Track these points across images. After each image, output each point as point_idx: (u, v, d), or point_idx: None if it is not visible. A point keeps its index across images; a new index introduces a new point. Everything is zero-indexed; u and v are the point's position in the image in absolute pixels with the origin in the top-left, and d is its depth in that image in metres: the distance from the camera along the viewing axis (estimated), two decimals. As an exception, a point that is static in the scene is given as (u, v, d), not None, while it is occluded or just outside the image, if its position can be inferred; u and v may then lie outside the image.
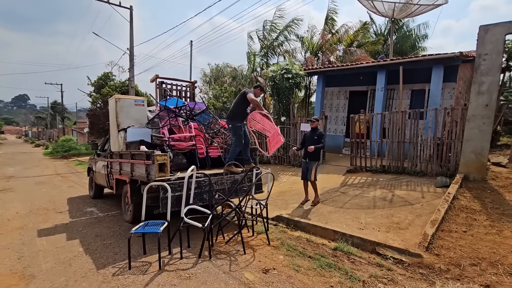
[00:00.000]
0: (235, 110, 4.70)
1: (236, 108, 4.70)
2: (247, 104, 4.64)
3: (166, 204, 3.76)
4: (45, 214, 5.69)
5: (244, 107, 4.67)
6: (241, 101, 4.64)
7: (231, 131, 4.79)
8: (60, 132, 37.56)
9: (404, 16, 9.40)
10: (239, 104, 4.67)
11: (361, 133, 9.19)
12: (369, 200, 5.33)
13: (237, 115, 4.67)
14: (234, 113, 4.69)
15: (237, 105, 4.70)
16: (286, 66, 8.69)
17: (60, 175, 11.80)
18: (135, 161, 4.26)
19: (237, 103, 4.72)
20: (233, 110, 4.75)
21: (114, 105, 5.31)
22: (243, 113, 4.71)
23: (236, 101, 4.79)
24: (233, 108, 4.75)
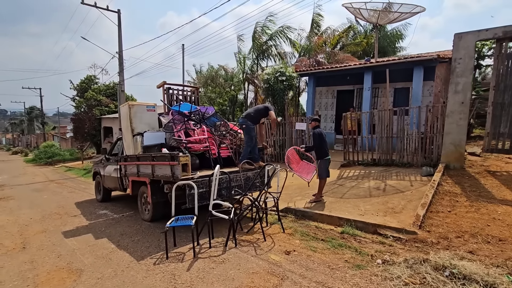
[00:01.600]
0: (254, 115, 5.40)
1: (255, 114, 5.44)
2: (265, 116, 5.51)
3: (192, 200, 4.17)
4: (61, 219, 5.88)
5: (261, 117, 5.53)
6: (261, 111, 5.49)
7: (244, 131, 5.28)
8: (40, 138, 36.19)
9: (387, 22, 10.20)
10: (259, 112, 5.48)
11: (352, 130, 9.93)
12: (365, 190, 5.95)
13: (253, 119, 5.34)
14: (252, 117, 5.34)
15: (258, 113, 5.48)
16: (280, 69, 9.22)
17: (54, 182, 11.70)
18: (158, 163, 4.61)
19: (258, 111, 5.50)
20: (252, 114, 5.39)
21: (128, 112, 5.60)
22: (258, 120, 5.52)
23: (258, 109, 5.58)
24: (253, 113, 5.42)
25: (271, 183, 5.61)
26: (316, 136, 5.59)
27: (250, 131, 5.21)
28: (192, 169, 5.42)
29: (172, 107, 5.73)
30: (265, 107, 5.53)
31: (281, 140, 9.90)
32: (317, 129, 5.67)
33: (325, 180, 5.69)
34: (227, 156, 5.80)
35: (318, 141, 5.58)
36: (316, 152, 5.66)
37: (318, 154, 5.63)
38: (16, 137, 52.41)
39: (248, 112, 5.50)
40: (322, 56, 13.68)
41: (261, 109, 5.51)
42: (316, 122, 5.79)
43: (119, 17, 15.24)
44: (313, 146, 5.71)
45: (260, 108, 5.57)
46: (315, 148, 5.66)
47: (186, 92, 6.76)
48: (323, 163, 5.61)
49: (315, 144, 5.64)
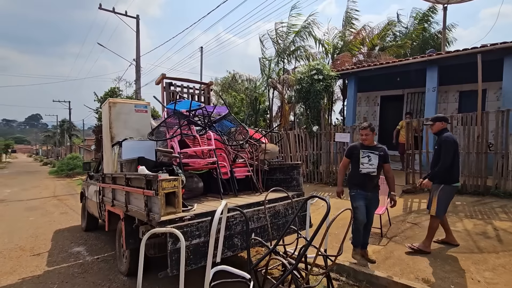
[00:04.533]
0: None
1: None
2: None
3: (177, 262, 2.31)
4: (18, 258, 4.29)
5: None
6: None
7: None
8: (68, 150, 36.94)
9: (457, 2, 8.06)
10: None
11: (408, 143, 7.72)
12: (463, 237, 3.75)
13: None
14: None
15: None
16: (317, 66, 7.36)
17: (57, 198, 10.51)
18: (131, 189, 2.85)
19: None
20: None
21: (108, 112, 4.00)
22: None
23: None
24: None
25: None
26: (449, 145, 3.31)
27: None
28: (193, 196, 3.62)
29: (167, 106, 4.04)
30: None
31: (315, 155, 7.88)
32: (447, 134, 3.43)
33: (439, 221, 3.50)
34: (245, 176, 3.95)
35: (452, 154, 3.31)
36: (438, 172, 3.37)
37: (442, 176, 3.37)
38: (50, 148, 54.77)
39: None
40: (361, 58, 11.67)
41: None
42: (443, 123, 3.49)
43: (137, 23, 14.45)
44: (443, 163, 3.31)
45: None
46: (443, 167, 3.31)
47: (193, 89, 5.08)
48: (448, 192, 3.40)
49: (445, 159, 3.30)
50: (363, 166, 3.27)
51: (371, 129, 3.32)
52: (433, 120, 3.54)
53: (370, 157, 3.26)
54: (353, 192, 3.36)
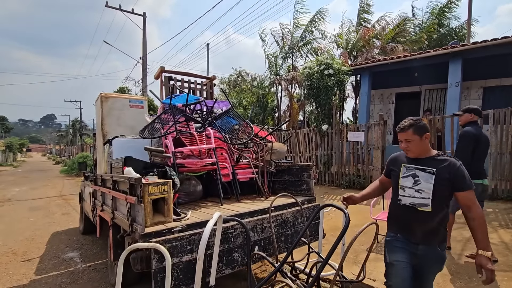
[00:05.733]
0: None
1: None
2: None
3: (163, 281, 1.93)
4: (6, 264, 4.02)
5: None
6: None
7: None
8: (79, 149, 37.48)
9: None
10: None
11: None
12: (501, 251, 3.24)
13: None
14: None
15: None
16: (326, 61, 6.90)
17: (62, 197, 10.39)
18: (116, 194, 2.49)
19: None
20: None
21: (100, 107, 3.67)
22: None
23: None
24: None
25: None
26: (466, 140, 3.02)
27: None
28: (191, 201, 3.24)
29: (163, 101, 3.67)
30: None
31: (326, 155, 7.41)
32: (468, 128, 3.09)
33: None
34: (249, 179, 3.55)
35: (468, 148, 3.00)
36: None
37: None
38: (63, 148, 55.89)
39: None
40: (371, 53, 11.08)
41: None
42: (472, 115, 3.13)
43: (144, 21, 14.26)
44: (461, 157, 2.89)
45: None
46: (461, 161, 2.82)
47: (195, 84, 4.72)
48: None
49: (458, 155, 3.00)
50: (404, 193, 1.84)
51: (416, 128, 1.79)
52: (463, 111, 3.23)
53: (418, 177, 1.79)
54: (388, 237, 1.96)
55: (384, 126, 6.30)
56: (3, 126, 59.85)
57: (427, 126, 1.85)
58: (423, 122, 1.83)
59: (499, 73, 7.63)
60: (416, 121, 1.83)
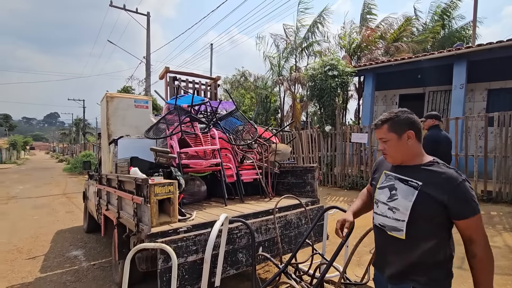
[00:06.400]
0: None
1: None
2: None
3: (169, 281, 1.95)
4: (12, 261, 4.07)
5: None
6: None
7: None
8: (82, 147, 37.67)
9: None
10: None
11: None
12: (504, 254, 3.23)
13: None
14: None
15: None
16: (331, 61, 6.89)
17: (65, 196, 10.46)
18: (122, 194, 2.52)
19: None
20: None
21: (105, 107, 3.70)
22: None
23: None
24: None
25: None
26: (427, 141, 3.46)
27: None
28: (196, 201, 3.26)
29: (168, 101, 3.69)
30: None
31: (329, 156, 7.41)
32: (430, 132, 3.63)
33: None
34: (253, 180, 3.56)
35: (432, 150, 3.09)
36: None
37: None
38: (66, 146, 56.22)
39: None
40: (376, 53, 11.06)
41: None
42: (434, 120, 3.64)
43: (148, 20, 14.32)
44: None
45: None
46: None
47: (199, 84, 4.74)
48: None
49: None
50: (377, 209, 1.39)
51: (393, 124, 1.31)
52: (426, 117, 3.76)
53: (396, 190, 1.31)
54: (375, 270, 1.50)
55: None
56: (7, 124, 60.27)
57: (412, 121, 1.30)
58: (407, 116, 1.31)
59: (504, 76, 7.59)
60: (395, 114, 1.32)
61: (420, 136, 1.32)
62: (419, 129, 1.32)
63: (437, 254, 1.24)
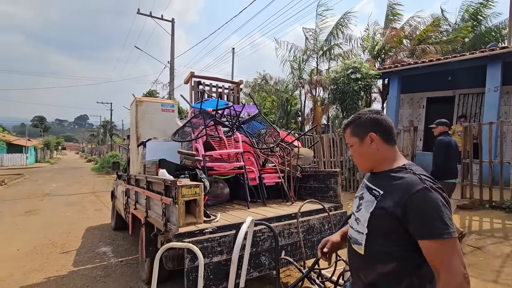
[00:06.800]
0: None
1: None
2: None
3: (195, 280, 2.01)
4: (48, 255, 4.35)
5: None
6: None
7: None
8: (109, 148, 39.52)
9: None
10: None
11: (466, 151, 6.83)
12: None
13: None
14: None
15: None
16: (354, 64, 6.78)
17: (94, 194, 11.03)
18: (150, 194, 2.63)
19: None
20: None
21: (135, 111, 3.88)
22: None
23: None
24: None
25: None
26: (439, 146, 3.84)
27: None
28: (218, 203, 3.33)
29: (193, 105, 3.81)
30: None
31: (351, 161, 7.25)
32: (441, 137, 3.91)
33: None
34: (275, 183, 3.58)
35: (442, 154, 3.81)
36: (433, 171, 3.86)
37: (435, 173, 3.80)
38: (94, 146, 59.23)
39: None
40: (404, 54, 10.70)
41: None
42: (445, 127, 3.95)
43: (172, 26, 14.83)
44: (434, 162, 3.86)
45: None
46: (435, 165, 3.86)
47: (222, 88, 4.84)
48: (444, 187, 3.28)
49: (435, 158, 3.85)
50: (351, 224, 1.23)
51: (355, 127, 1.18)
52: (437, 124, 4.01)
53: (362, 199, 1.15)
54: None
55: (414, 132, 6.05)
56: (42, 126, 64.56)
57: (375, 121, 1.14)
58: (369, 116, 1.15)
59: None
60: (358, 115, 1.19)
61: (389, 138, 1.13)
62: (386, 130, 1.13)
63: (397, 282, 1.00)
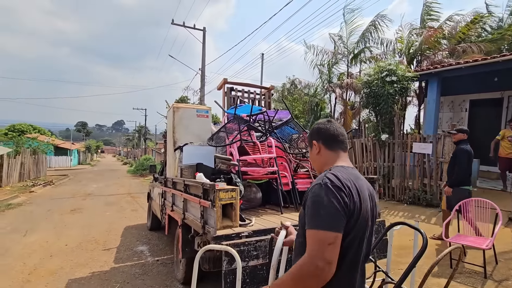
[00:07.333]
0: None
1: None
2: None
3: (232, 282, 2.04)
4: (92, 251, 4.68)
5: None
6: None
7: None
8: (143, 152, 41.71)
9: None
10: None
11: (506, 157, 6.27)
12: None
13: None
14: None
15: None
16: (389, 67, 6.52)
17: (130, 195, 11.66)
18: (188, 197, 2.73)
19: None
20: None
21: (172, 117, 4.07)
22: None
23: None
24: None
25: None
26: (464, 154, 3.87)
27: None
28: (251, 207, 3.36)
29: (227, 111, 3.91)
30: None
31: (386, 167, 6.94)
32: (463, 146, 3.96)
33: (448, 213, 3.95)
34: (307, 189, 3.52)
35: (466, 162, 3.88)
36: (455, 178, 3.94)
37: (457, 180, 3.92)
38: (130, 150, 62.82)
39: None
40: (443, 55, 10.06)
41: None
42: (464, 135, 4.00)
43: (204, 35, 15.38)
44: (458, 169, 3.88)
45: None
46: (459, 173, 3.88)
47: (254, 94, 4.91)
48: (460, 194, 3.84)
49: (460, 166, 3.87)
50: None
51: (308, 136, 1.35)
52: (457, 131, 4.07)
53: None
54: None
55: (457, 137, 5.62)
56: (84, 130, 69.94)
57: (317, 130, 1.22)
58: (315, 126, 1.23)
59: None
60: (315, 124, 1.27)
61: (330, 144, 1.18)
62: (327, 137, 1.19)
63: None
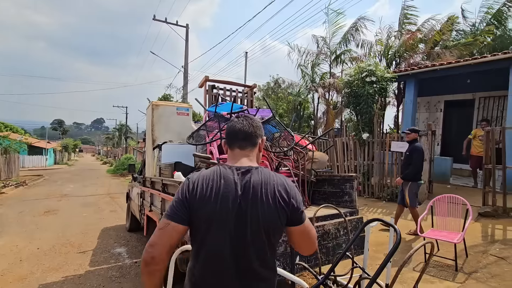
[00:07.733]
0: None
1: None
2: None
3: None
4: (66, 254, 4.47)
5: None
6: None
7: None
8: (124, 151, 40.48)
9: None
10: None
11: (477, 155, 6.60)
12: None
13: None
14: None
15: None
16: (368, 67, 6.67)
17: (109, 195, 11.28)
18: (165, 196, 2.66)
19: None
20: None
21: (151, 114, 3.96)
22: None
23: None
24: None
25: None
26: (420, 152, 4.40)
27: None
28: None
29: (207, 108, 3.84)
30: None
31: (365, 165, 7.12)
32: (418, 144, 4.53)
33: (415, 209, 4.44)
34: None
35: (421, 159, 4.42)
36: (410, 173, 4.40)
37: (412, 175, 4.39)
38: (110, 149, 60.78)
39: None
40: (419, 57, 10.46)
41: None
42: (416, 134, 4.56)
43: (187, 32, 15.11)
44: (414, 166, 4.36)
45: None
46: (415, 169, 4.38)
47: (236, 92, 4.87)
48: (416, 187, 4.43)
49: (416, 162, 4.35)
50: None
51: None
52: (411, 131, 4.57)
53: None
54: None
55: (432, 136, 5.87)
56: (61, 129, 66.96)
57: (226, 129, 1.31)
58: (228, 125, 1.30)
59: None
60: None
61: (228, 142, 1.25)
62: (227, 135, 1.26)
63: None
